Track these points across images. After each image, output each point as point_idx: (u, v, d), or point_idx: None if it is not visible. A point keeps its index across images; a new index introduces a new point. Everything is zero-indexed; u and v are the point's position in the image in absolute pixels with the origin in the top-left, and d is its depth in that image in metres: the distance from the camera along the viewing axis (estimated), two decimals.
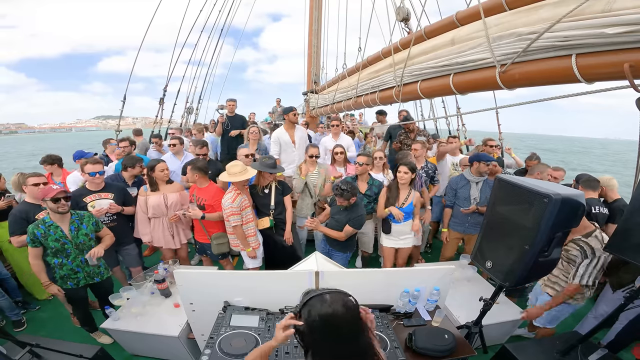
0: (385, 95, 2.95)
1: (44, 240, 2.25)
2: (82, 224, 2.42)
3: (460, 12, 2.09)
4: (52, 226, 2.28)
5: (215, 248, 3.00)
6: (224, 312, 1.76)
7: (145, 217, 3.05)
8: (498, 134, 5.40)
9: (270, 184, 3.05)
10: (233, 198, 2.74)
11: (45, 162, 3.41)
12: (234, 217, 2.74)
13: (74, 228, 2.36)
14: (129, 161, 3.24)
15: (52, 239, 2.26)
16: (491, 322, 2.28)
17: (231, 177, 2.79)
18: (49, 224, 2.28)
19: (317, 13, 5.68)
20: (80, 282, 2.44)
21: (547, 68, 1.46)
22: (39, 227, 2.25)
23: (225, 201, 2.76)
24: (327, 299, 0.97)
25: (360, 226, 2.88)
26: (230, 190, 2.82)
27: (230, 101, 5.00)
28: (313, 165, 3.57)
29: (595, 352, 1.96)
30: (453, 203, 3.33)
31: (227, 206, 2.73)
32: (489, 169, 3.15)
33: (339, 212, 2.87)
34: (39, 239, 2.24)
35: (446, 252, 3.50)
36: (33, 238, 2.23)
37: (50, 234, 2.26)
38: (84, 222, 2.43)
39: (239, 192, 2.80)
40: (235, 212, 2.73)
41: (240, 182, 2.79)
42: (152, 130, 6.90)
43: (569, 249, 2.16)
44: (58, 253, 2.31)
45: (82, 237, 2.39)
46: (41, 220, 2.29)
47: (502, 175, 2.24)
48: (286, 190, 3.14)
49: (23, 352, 1.86)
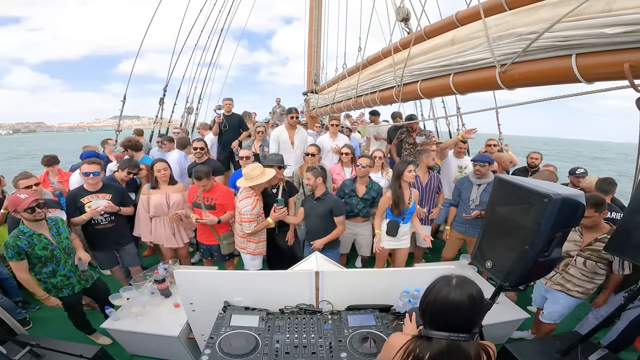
0: (385, 95, 2.95)
1: (30, 251, 2.14)
2: (60, 228, 2.35)
3: (460, 12, 2.09)
4: (34, 235, 2.17)
5: (225, 248, 2.99)
6: (224, 312, 1.76)
7: (146, 216, 3.04)
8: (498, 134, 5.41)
9: (279, 184, 3.03)
10: (254, 204, 2.66)
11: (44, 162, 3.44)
12: (250, 225, 2.68)
13: (54, 233, 2.29)
14: (122, 164, 3.28)
15: (39, 247, 2.16)
16: (491, 322, 2.28)
17: (253, 180, 2.68)
18: (30, 234, 2.16)
19: (317, 13, 5.67)
20: (75, 288, 2.41)
21: (547, 68, 1.46)
22: (20, 238, 2.12)
23: (245, 206, 2.66)
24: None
25: (342, 211, 2.91)
26: (250, 196, 2.72)
27: (226, 100, 5.00)
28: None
29: (595, 352, 1.96)
30: (457, 202, 3.37)
31: (247, 212, 2.65)
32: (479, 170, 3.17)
33: (312, 207, 2.91)
34: (25, 250, 2.12)
35: (447, 252, 3.50)
36: (18, 251, 2.09)
37: (35, 243, 2.15)
38: (60, 225, 2.36)
39: (258, 197, 2.73)
40: (253, 220, 2.68)
41: (261, 184, 2.73)
42: (152, 131, 6.88)
43: (597, 248, 2.18)
44: (48, 261, 2.22)
45: (65, 240, 2.33)
46: (19, 231, 2.15)
47: (502, 175, 2.24)
48: (292, 192, 3.12)
49: (23, 352, 1.86)
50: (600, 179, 2.92)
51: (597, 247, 2.17)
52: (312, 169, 2.88)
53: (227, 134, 5.00)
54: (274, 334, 1.59)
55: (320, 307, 1.85)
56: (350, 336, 1.57)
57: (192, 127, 8.21)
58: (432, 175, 3.46)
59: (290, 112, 4.01)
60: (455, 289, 1.03)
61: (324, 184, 2.91)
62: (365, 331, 1.61)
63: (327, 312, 1.78)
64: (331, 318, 1.72)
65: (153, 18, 6.46)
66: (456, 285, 1.04)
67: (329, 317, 1.73)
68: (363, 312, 1.77)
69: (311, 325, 1.66)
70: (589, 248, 2.22)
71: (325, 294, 1.87)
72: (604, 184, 2.83)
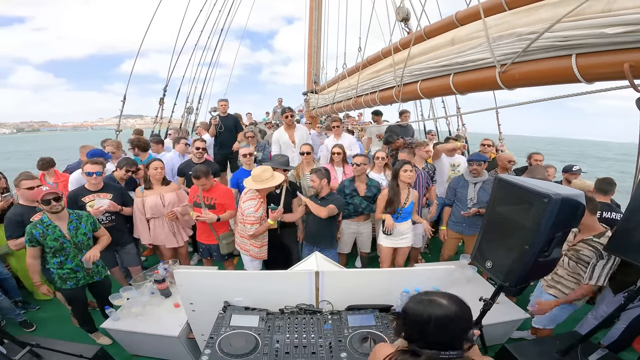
0: (385, 95, 2.95)
1: (42, 239, 2.25)
2: (81, 224, 2.42)
3: (460, 12, 2.09)
4: (50, 226, 2.29)
5: (224, 248, 2.98)
6: (224, 312, 1.76)
7: (143, 218, 3.04)
8: (498, 134, 5.41)
9: (282, 184, 3.01)
10: (257, 207, 2.65)
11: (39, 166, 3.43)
12: (252, 227, 2.67)
13: (72, 227, 2.37)
14: (120, 162, 3.29)
15: (50, 238, 2.27)
16: (491, 322, 2.28)
17: (262, 183, 2.65)
18: (47, 224, 2.28)
19: (317, 13, 5.68)
20: (79, 282, 2.44)
21: (547, 68, 1.46)
22: (37, 227, 2.26)
23: (248, 208, 2.64)
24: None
25: (341, 208, 2.91)
26: (254, 197, 2.71)
27: (222, 101, 4.99)
28: (309, 166, 3.54)
29: (595, 352, 1.96)
30: (452, 202, 3.36)
31: (250, 214, 2.64)
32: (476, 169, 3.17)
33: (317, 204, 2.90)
34: (37, 238, 2.24)
35: (446, 251, 3.51)
36: (31, 238, 2.24)
37: (48, 233, 2.27)
38: (82, 221, 2.44)
39: (262, 200, 2.71)
40: (255, 222, 2.66)
41: (269, 188, 2.72)
42: (152, 130, 6.88)
43: (579, 249, 2.17)
44: (57, 252, 2.31)
45: (81, 236, 2.40)
46: (39, 220, 2.30)
47: (502, 175, 2.24)
48: (296, 192, 3.11)
49: (23, 352, 1.86)
50: (599, 179, 2.91)
51: (578, 248, 2.17)
52: (316, 171, 2.88)
53: (223, 135, 4.99)
54: (274, 334, 1.59)
55: (320, 307, 1.85)
56: (350, 336, 1.57)
57: (192, 127, 8.21)
58: (419, 173, 3.43)
59: (284, 112, 4.01)
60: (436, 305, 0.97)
61: (328, 185, 2.93)
62: (365, 331, 1.60)
63: (327, 312, 1.78)
64: (331, 318, 1.72)
65: (153, 18, 6.47)
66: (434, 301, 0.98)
67: (329, 317, 1.73)
68: (363, 312, 1.76)
69: (311, 325, 1.66)
70: (572, 248, 2.22)
71: (325, 294, 1.87)
72: (603, 184, 2.82)
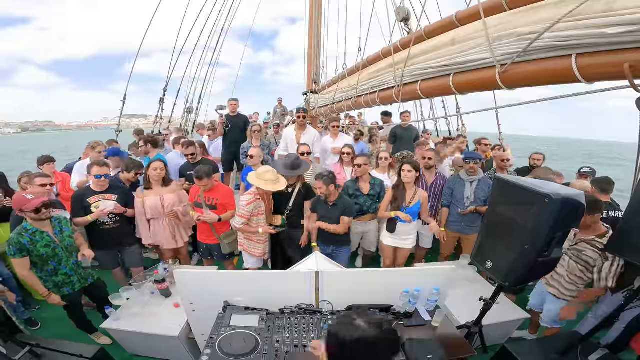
0: (385, 96, 2.95)
1: (32, 247, 2.16)
2: (64, 227, 2.37)
3: (460, 12, 2.08)
4: (36, 232, 2.19)
5: (225, 247, 2.99)
6: (224, 312, 1.76)
7: (143, 219, 3.04)
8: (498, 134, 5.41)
9: (296, 183, 3.00)
10: (249, 202, 2.68)
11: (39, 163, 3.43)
12: (240, 220, 2.71)
13: (57, 232, 2.31)
14: (128, 166, 3.28)
15: (41, 245, 2.18)
16: (491, 322, 2.28)
17: (263, 183, 2.67)
18: (33, 231, 2.18)
19: (317, 13, 5.67)
20: (76, 287, 2.42)
21: (547, 68, 1.46)
22: (23, 235, 2.14)
23: (242, 200, 2.72)
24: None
25: (353, 213, 2.90)
26: (251, 193, 2.74)
27: (232, 101, 4.98)
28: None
29: (595, 352, 1.96)
30: (450, 202, 3.35)
31: (241, 206, 2.70)
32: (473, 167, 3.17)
33: (327, 212, 2.87)
34: (27, 247, 2.13)
35: (445, 250, 3.52)
36: (20, 247, 2.10)
37: (37, 240, 2.18)
38: (63, 224, 2.39)
39: (258, 197, 2.73)
40: (244, 216, 2.69)
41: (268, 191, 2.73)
42: (152, 130, 6.89)
43: (581, 250, 2.16)
44: (49, 259, 2.24)
45: (68, 239, 2.36)
46: (22, 229, 2.17)
47: (502, 175, 2.25)
48: (309, 195, 3.07)
49: (23, 352, 1.85)
50: (599, 178, 2.91)
51: (581, 248, 2.16)
52: (321, 177, 2.79)
53: (231, 134, 4.98)
54: (273, 334, 1.59)
55: (320, 307, 1.85)
56: None
57: (192, 127, 8.22)
58: (439, 175, 3.45)
59: (298, 111, 4.03)
60: (354, 327, 0.96)
61: (336, 189, 2.89)
62: None
63: (327, 312, 1.78)
64: (331, 318, 1.72)
65: (152, 19, 6.51)
66: (354, 324, 0.97)
67: (329, 317, 1.73)
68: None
69: (311, 325, 1.66)
70: (573, 247, 2.21)
71: (325, 294, 1.87)
72: (603, 183, 2.82)
